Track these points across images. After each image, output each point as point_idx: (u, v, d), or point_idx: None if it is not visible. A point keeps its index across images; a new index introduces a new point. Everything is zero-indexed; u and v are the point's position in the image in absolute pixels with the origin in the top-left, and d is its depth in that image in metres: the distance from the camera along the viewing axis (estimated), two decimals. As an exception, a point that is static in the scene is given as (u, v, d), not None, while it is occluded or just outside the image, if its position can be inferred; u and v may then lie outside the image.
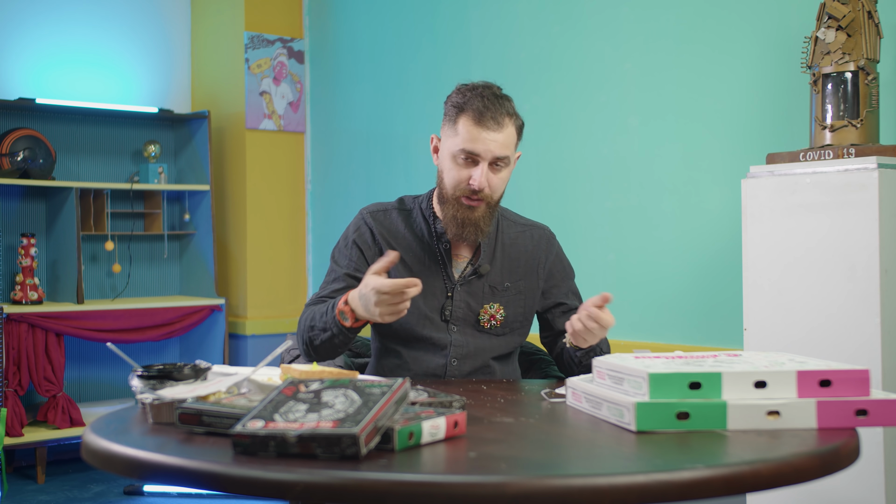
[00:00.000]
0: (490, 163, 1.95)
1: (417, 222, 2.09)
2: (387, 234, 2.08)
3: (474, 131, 1.94)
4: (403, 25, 4.33)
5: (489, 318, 2.05)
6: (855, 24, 2.43)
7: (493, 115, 1.94)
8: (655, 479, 1.09)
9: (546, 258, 2.13)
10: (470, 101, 1.96)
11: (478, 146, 1.93)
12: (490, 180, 1.96)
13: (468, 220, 1.98)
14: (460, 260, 2.07)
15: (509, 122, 1.96)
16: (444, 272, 2.05)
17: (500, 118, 1.94)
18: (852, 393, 1.35)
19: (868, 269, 2.26)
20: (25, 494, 3.83)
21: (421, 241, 2.07)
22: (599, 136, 3.45)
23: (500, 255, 2.08)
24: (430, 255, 2.06)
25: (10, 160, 4.09)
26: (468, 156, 1.95)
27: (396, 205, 2.13)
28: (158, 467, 1.20)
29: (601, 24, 3.45)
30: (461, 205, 1.97)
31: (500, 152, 1.95)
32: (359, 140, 4.57)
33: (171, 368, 1.50)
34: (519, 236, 2.13)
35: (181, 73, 4.93)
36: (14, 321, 3.89)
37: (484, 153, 1.94)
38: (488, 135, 1.93)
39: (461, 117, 1.96)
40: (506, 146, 1.96)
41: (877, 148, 2.36)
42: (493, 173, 1.97)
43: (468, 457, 1.20)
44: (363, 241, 2.08)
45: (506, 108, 1.97)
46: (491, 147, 1.94)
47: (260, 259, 4.71)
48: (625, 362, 1.42)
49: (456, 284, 2.05)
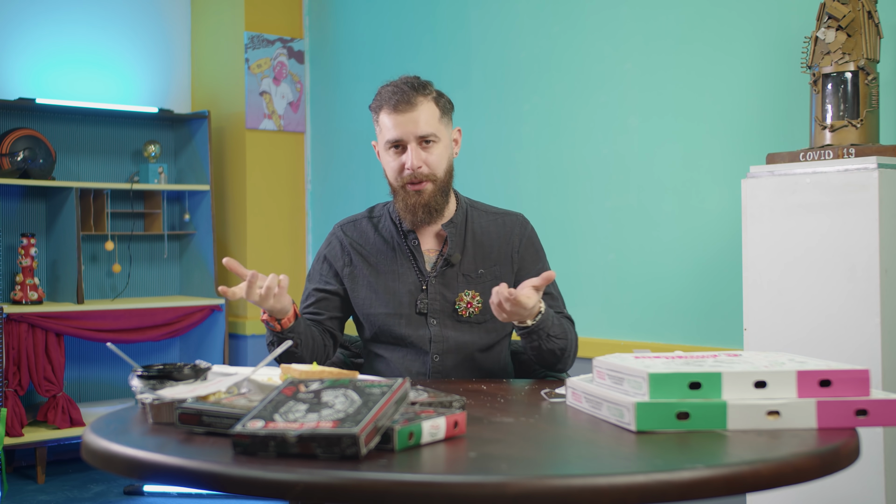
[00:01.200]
0: (417, 143, 2.02)
1: (386, 226, 2.15)
2: (356, 243, 2.15)
3: (392, 118, 2.02)
4: (403, 25, 4.33)
5: (466, 306, 2.06)
6: (855, 24, 2.43)
7: (404, 97, 2.01)
8: (655, 479, 1.09)
9: (519, 242, 2.14)
10: (382, 96, 2.05)
11: (398, 130, 2.02)
12: (424, 158, 2.03)
13: (418, 204, 2.04)
14: (431, 254, 2.11)
15: (423, 99, 2.04)
16: (415, 267, 2.09)
17: (412, 98, 2.02)
18: (852, 393, 1.35)
19: (868, 269, 2.26)
20: (25, 494, 3.83)
21: (390, 242, 2.13)
22: (599, 136, 3.45)
23: (470, 244, 2.11)
24: (400, 253, 2.11)
25: (10, 160, 4.09)
26: (395, 144, 2.03)
27: (367, 214, 2.21)
28: (158, 467, 1.20)
29: (601, 24, 3.45)
30: (407, 192, 2.04)
31: (421, 130, 2.02)
32: (359, 140, 4.57)
33: (171, 368, 1.50)
34: (490, 224, 2.15)
35: (181, 73, 4.93)
36: (14, 321, 3.89)
37: (405, 135, 2.02)
38: (403, 117, 2.01)
39: (381, 112, 2.05)
40: (427, 123, 2.03)
41: (877, 148, 2.36)
42: (426, 152, 2.03)
43: (468, 457, 1.20)
44: (333, 253, 2.16)
45: (417, 89, 2.04)
46: (409, 128, 2.01)
47: (260, 259, 4.71)
48: (625, 362, 1.42)
49: (429, 277, 2.07)
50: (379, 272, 2.11)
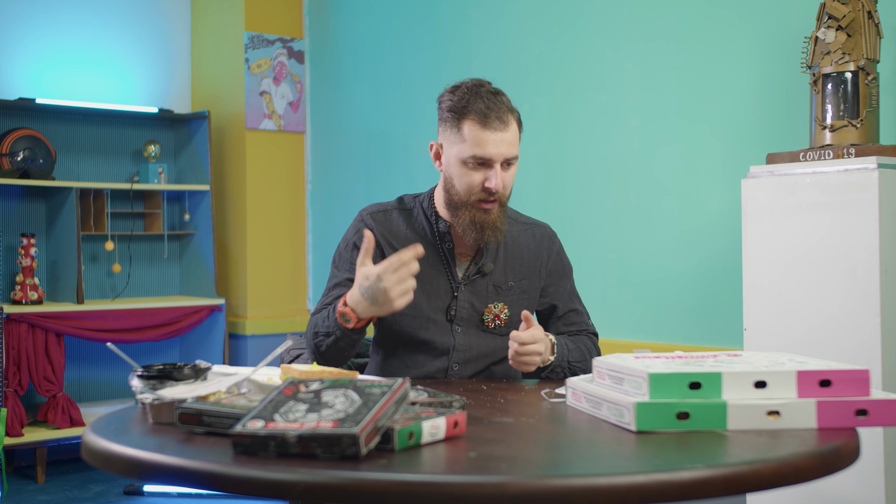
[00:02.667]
0: (502, 164, 1.92)
1: (419, 222, 2.05)
2: (388, 234, 2.03)
3: (482, 135, 1.89)
4: (403, 25, 4.33)
5: (493, 318, 2.02)
6: (855, 24, 2.43)
7: (497, 114, 1.89)
8: (655, 479, 1.09)
9: (548, 257, 2.10)
10: (471, 104, 1.90)
11: (489, 150, 1.89)
12: (503, 180, 1.93)
13: (486, 223, 1.93)
14: (464, 259, 2.04)
15: (512, 118, 1.93)
16: (448, 272, 2.02)
17: (504, 116, 1.90)
18: (852, 393, 1.34)
19: (868, 269, 2.26)
20: (25, 494, 3.83)
21: (424, 240, 2.02)
22: (599, 136, 3.45)
23: (502, 254, 2.05)
24: (433, 254, 2.02)
25: (10, 160, 4.09)
26: (480, 160, 1.90)
27: (396, 204, 2.08)
28: (158, 467, 1.20)
29: (601, 24, 3.45)
30: (478, 209, 1.93)
31: (510, 152, 1.91)
32: (359, 140, 4.57)
33: (171, 368, 1.50)
34: (521, 234, 2.10)
35: (181, 73, 4.93)
36: (14, 321, 3.89)
37: (496, 156, 1.90)
38: (496, 136, 1.89)
39: (465, 122, 1.90)
40: (514, 144, 1.93)
41: (877, 148, 2.36)
42: (505, 172, 1.93)
43: (468, 457, 1.20)
44: (362, 240, 2.03)
45: (506, 104, 1.93)
46: (502, 149, 1.90)
47: (260, 259, 4.71)
48: (625, 362, 1.42)
49: (460, 284, 2.01)
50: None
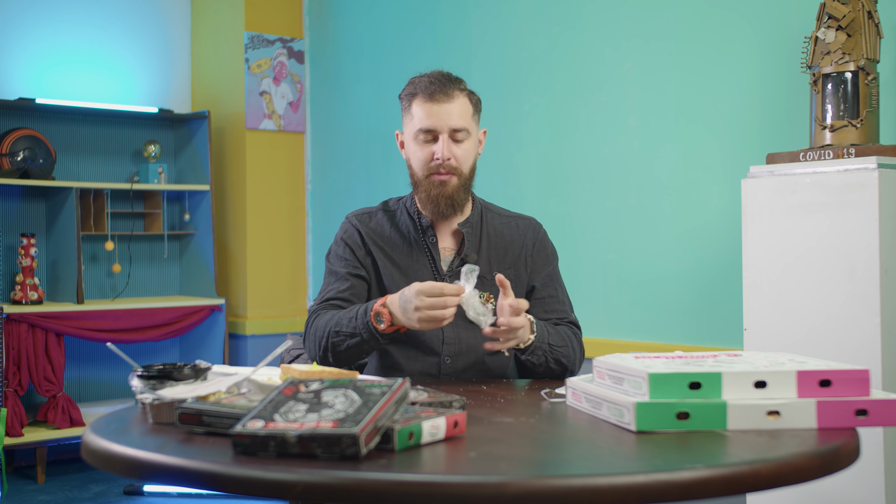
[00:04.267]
0: (449, 135, 2.01)
1: (403, 220, 2.12)
2: (373, 234, 2.11)
3: (426, 108, 2.01)
4: (403, 25, 4.33)
5: None
6: (855, 24, 2.43)
7: (442, 88, 2.01)
8: (655, 479, 1.09)
9: (532, 245, 2.14)
10: (418, 85, 2.04)
11: (432, 120, 2.00)
12: (453, 151, 2.01)
13: (442, 195, 2.02)
14: (447, 253, 2.09)
15: (460, 94, 2.04)
16: (433, 265, 2.07)
17: (450, 90, 2.01)
18: (852, 393, 1.34)
19: (868, 269, 2.26)
20: (25, 494, 3.83)
21: (407, 238, 2.10)
22: (599, 136, 3.45)
23: (485, 246, 2.10)
24: (417, 250, 2.08)
25: (10, 160, 4.09)
26: (427, 132, 2.01)
27: (381, 207, 2.17)
28: (158, 467, 1.20)
29: (601, 24, 3.45)
30: (433, 183, 2.02)
31: (456, 123, 2.01)
32: (359, 140, 4.57)
33: (171, 368, 1.50)
34: (504, 227, 2.14)
35: (181, 73, 4.93)
36: (14, 321, 3.89)
37: (440, 125, 2.00)
38: (440, 107, 2.00)
39: (414, 101, 2.04)
40: (461, 116, 2.02)
41: (877, 148, 2.36)
42: (456, 145, 2.02)
43: (468, 457, 1.20)
44: (353, 241, 2.11)
45: (454, 82, 2.04)
46: (445, 119, 2.00)
47: (260, 259, 4.71)
48: (625, 362, 1.42)
49: (445, 276, 2.06)
50: (396, 266, 2.07)
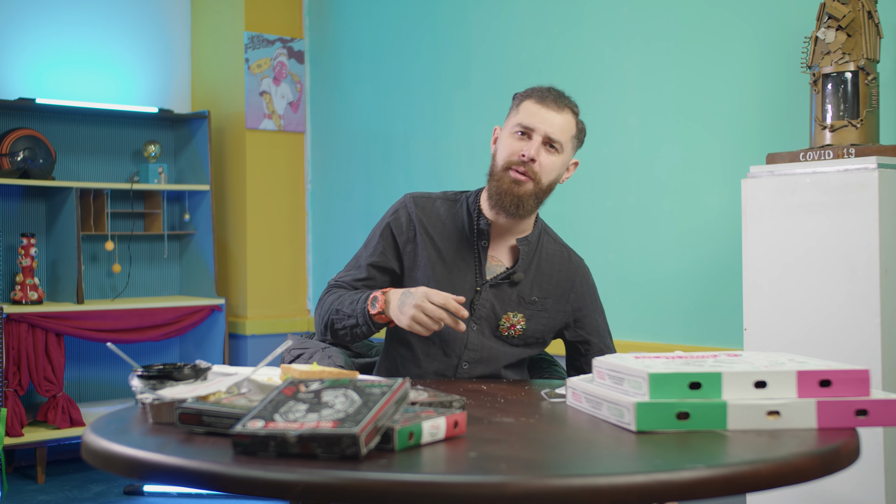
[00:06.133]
0: (544, 141, 1.97)
1: (460, 214, 2.08)
2: (425, 219, 2.06)
3: (534, 108, 1.98)
4: (403, 25, 4.33)
5: (509, 327, 2.02)
6: (855, 24, 2.43)
7: (555, 98, 1.99)
8: (655, 479, 1.09)
9: (581, 287, 2.11)
10: (536, 89, 2.02)
11: (534, 120, 1.97)
12: (541, 157, 1.97)
13: (511, 193, 1.97)
14: (494, 262, 2.05)
15: (570, 112, 2.01)
16: (476, 268, 2.03)
17: (561, 103, 2.00)
18: (852, 393, 1.34)
19: (868, 269, 2.26)
20: (25, 494, 3.83)
21: (460, 232, 2.05)
22: (599, 136, 3.45)
23: (534, 268, 2.06)
24: (466, 249, 2.04)
25: (10, 160, 4.09)
26: (524, 130, 1.98)
27: (442, 195, 2.13)
28: (158, 467, 1.20)
29: (601, 24, 3.45)
30: (508, 177, 1.97)
31: (554, 133, 1.97)
32: (359, 140, 4.57)
33: (171, 368, 1.50)
34: (556, 254, 2.11)
35: (181, 73, 4.93)
36: (14, 321, 3.89)
37: (539, 127, 1.96)
38: (547, 112, 1.97)
39: (525, 100, 2.01)
40: (562, 130, 1.98)
41: (877, 148, 2.36)
42: (545, 153, 1.98)
43: (468, 457, 1.20)
44: (397, 224, 2.06)
45: (569, 101, 2.02)
46: (546, 123, 1.97)
47: (260, 259, 4.71)
48: (625, 362, 1.42)
49: (486, 283, 2.02)
50: (441, 257, 2.03)
